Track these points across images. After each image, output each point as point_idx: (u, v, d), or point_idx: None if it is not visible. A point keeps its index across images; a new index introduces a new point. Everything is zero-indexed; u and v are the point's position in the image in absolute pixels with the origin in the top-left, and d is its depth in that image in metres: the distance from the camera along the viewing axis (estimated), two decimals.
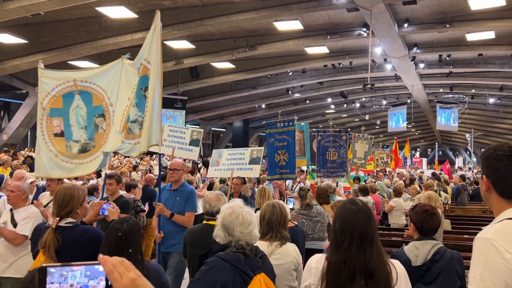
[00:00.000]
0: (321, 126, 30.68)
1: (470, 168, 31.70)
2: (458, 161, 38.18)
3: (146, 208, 7.32)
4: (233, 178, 6.92)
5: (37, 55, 15.12)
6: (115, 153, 21.29)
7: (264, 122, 9.85)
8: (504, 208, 1.65)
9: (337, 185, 9.77)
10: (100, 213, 3.45)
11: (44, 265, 1.11)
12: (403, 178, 14.15)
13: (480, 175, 1.77)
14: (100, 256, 1.09)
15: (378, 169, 17.71)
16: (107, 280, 1.10)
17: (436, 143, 42.12)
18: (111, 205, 3.54)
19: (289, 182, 10.09)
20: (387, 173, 18.02)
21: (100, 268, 1.10)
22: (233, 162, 7.13)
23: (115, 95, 4.87)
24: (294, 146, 8.04)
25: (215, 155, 7.57)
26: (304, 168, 14.05)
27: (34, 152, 15.82)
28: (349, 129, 12.02)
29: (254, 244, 2.52)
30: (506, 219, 1.59)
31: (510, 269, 1.45)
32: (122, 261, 1.10)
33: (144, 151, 4.45)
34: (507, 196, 1.66)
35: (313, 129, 11.10)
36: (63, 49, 14.94)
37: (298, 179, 10.55)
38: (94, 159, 4.85)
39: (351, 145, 13.90)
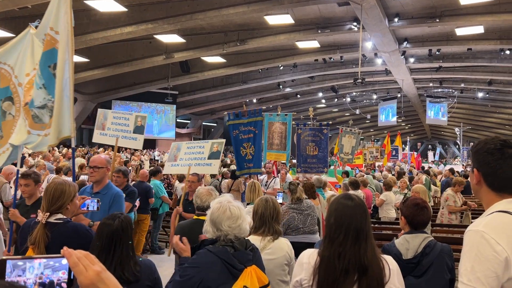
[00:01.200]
0: (302, 117, 30.44)
1: (441, 162, 31.18)
2: (430, 155, 37.12)
3: (137, 203, 7.29)
4: (190, 175, 6.00)
5: None
6: (105, 148, 21.08)
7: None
8: (495, 201, 1.66)
9: None
10: (82, 208, 3.39)
11: (4, 257, 1.10)
12: (392, 172, 14.22)
13: (470, 169, 1.79)
14: (64, 248, 1.08)
15: (367, 163, 17.40)
16: (69, 273, 1.10)
17: (408, 136, 42.22)
18: (95, 200, 3.50)
19: (263, 177, 9.35)
20: (377, 167, 17.67)
21: (64, 261, 1.10)
22: (191, 157, 6.24)
23: (23, 72, 4.00)
24: (260, 139, 7.53)
25: (174, 148, 6.58)
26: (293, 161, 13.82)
27: None
28: (330, 122, 11.65)
29: (246, 238, 2.53)
30: (497, 211, 1.60)
31: (501, 261, 1.47)
32: (86, 254, 1.10)
33: (52, 145, 3.69)
34: (498, 189, 1.67)
35: (293, 122, 10.58)
36: None
37: (275, 174, 9.97)
38: (3, 152, 3.97)
39: (338, 139, 13.75)
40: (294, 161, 11.57)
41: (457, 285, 1.55)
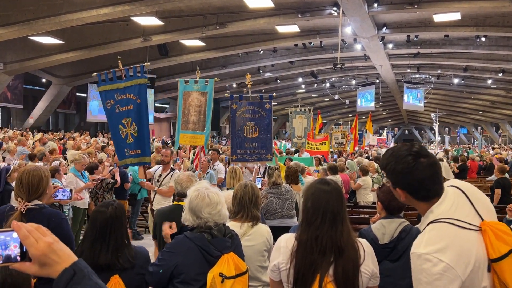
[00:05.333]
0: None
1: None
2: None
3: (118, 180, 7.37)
4: None
5: None
6: (81, 133, 20.68)
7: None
8: (426, 209, 1.69)
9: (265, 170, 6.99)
10: (55, 197, 3.34)
11: None
12: (370, 158, 14.37)
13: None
14: (14, 222, 1.08)
15: (334, 150, 15.68)
16: (22, 247, 1.09)
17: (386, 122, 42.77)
18: (68, 189, 3.46)
19: (155, 170, 6.70)
20: (346, 154, 15.37)
21: (15, 234, 1.09)
22: None
23: None
24: (146, 110, 5.39)
25: None
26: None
27: None
28: (274, 93, 9.87)
29: (226, 224, 2.54)
30: (431, 222, 1.62)
31: (448, 276, 1.49)
32: (37, 227, 1.10)
33: None
34: (424, 199, 1.70)
35: (226, 94, 7.94)
36: (23, 24, 14.23)
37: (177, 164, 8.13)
38: None
39: (288, 122, 12.55)
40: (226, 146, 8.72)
41: None
